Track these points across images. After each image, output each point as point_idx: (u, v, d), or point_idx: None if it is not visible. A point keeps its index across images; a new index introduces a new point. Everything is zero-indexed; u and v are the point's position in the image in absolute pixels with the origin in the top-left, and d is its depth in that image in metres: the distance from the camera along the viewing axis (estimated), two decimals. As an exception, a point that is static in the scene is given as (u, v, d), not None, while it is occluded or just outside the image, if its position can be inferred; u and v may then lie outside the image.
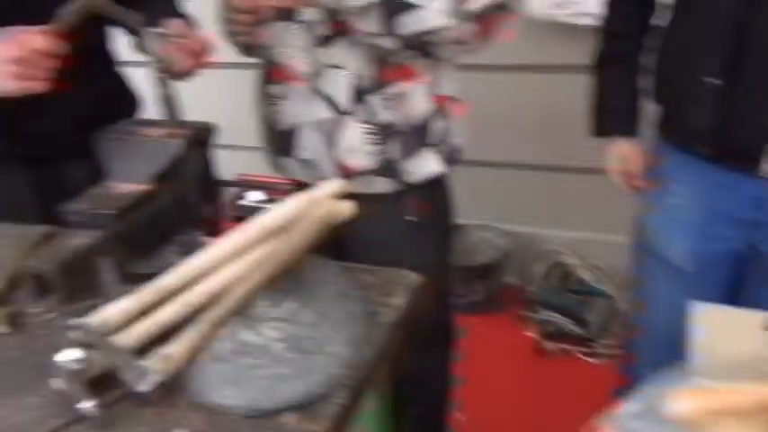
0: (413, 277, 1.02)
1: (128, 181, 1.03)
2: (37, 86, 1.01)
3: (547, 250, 2.39)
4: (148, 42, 1.03)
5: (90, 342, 0.76)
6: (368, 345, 0.85)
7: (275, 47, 1.24)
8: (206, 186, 1.16)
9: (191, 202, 1.13)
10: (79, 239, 0.94)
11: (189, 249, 1.08)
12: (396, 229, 1.29)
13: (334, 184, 0.94)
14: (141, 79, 1.38)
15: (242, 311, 0.83)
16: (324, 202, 0.91)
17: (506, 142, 2.28)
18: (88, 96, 1.04)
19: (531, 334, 2.24)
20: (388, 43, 1.14)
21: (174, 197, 1.08)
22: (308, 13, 1.16)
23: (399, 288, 0.98)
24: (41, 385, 0.79)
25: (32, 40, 0.98)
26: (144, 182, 1.03)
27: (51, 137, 1.19)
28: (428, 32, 1.11)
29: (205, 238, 1.03)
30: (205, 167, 1.16)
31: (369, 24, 1.09)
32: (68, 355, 0.73)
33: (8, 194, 1.22)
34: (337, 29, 1.17)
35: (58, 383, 0.74)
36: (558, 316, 2.21)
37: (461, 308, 1.81)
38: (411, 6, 1.08)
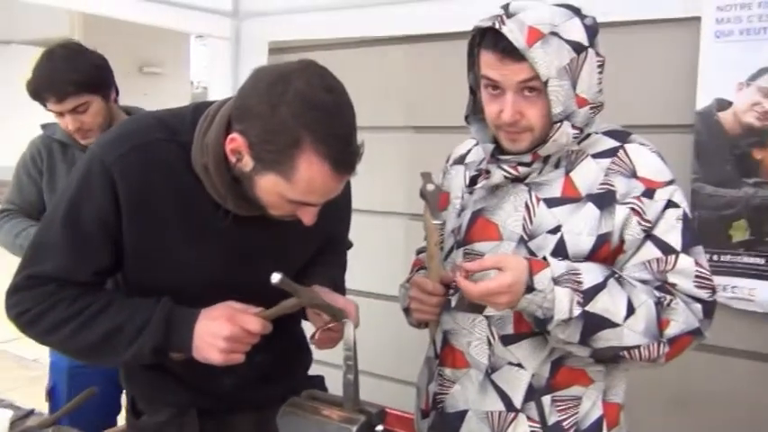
0: None
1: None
2: (238, 360, 1.07)
3: None
4: (347, 333, 1.08)
5: None
6: None
7: (455, 331, 1.26)
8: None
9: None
10: None
11: None
12: None
13: None
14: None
15: None
16: None
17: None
18: (269, 356, 1.09)
19: None
20: (581, 352, 1.14)
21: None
22: (493, 310, 1.19)
23: None
24: None
25: (246, 320, 1.04)
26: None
27: (228, 393, 1.22)
28: (623, 348, 1.12)
29: None
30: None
31: (569, 335, 1.11)
32: None
33: None
34: (523, 329, 1.18)
35: None
36: None
37: None
38: (612, 324, 1.10)
